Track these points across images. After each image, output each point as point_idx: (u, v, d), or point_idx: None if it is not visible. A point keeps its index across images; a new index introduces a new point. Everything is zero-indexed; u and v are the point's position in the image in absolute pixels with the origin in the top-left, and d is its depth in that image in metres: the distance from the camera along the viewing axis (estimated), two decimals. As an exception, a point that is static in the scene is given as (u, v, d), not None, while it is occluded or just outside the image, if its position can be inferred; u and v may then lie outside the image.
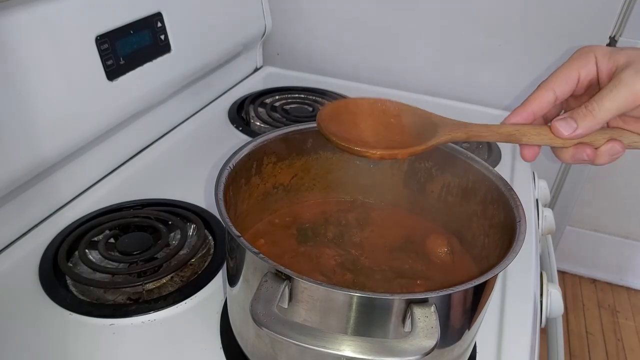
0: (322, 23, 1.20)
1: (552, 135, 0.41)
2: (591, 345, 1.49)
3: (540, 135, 0.42)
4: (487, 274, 0.38)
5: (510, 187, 0.47)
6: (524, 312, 0.58)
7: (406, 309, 0.36)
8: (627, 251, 1.64)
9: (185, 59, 0.85)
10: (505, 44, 1.09)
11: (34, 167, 0.61)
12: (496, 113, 1.05)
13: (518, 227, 0.42)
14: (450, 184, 0.54)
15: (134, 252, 0.59)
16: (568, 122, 0.40)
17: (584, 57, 0.41)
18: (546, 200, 0.91)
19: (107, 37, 0.69)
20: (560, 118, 0.40)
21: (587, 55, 0.41)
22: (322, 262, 0.50)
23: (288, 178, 0.57)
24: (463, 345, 0.43)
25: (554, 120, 0.41)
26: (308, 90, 1.07)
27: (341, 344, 0.32)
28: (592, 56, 0.41)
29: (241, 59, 1.11)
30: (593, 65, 0.41)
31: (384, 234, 0.55)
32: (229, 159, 0.48)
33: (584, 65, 0.41)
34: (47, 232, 0.64)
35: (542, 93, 0.42)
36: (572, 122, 0.39)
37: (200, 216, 0.66)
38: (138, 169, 0.79)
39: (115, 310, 0.53)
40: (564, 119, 0.40)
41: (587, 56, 0.41)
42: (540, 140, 0.42)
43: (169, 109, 0.88)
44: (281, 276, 0.36)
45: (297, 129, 0.54)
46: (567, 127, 0.40)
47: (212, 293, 0.57)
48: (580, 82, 0.42)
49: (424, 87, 1.15)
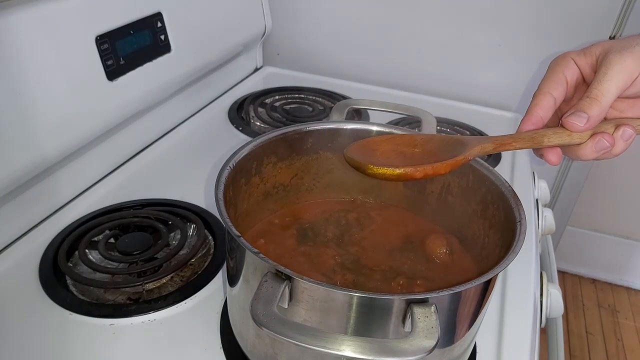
0: (322, 23, 1.20)
1: (568, 132, 0.41)
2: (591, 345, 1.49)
3: (558, 134, 0.42)
4: (487, 274, 0.38)
5: (510, 187, 0.47)
6: (524, 312, 0.58)
7: (406, 309, 0.36)
8: (627, 251, 1.64)
9: (185, 59, 0.85)
10: (505, 44, 1.09)
11: (34, 167, 0.61)
12: (496, 113, 1.05)
13: (518, 227, 0.42)
14: (450, 184, 0.54)
15: (134, 252, 0.59)
16: (578, 114, 0.40)
17: (562, 60, 0.43)
18: (546, 200, 0.91)
19: (107, 37, 0.69)
20: (569, 114, 0.41)
21: (565, 58, 0.43)
22: (322, 262, 0.50)
23: (288, 178, 0.57)
24: (463, 345, 0.43)
25: (564, 118, 0.41)
26: (308, 90, 1.07)
27: (341, 344, 0.32)
28: (568, 58, 0.43)
29: (241, 59, 1.11)
30: (573, 64, 0.43)
31: (384, 234, 0.55)
32: (229, 159, 0.48)
33: (565, 67, 0.43)
34: (47, 232, 0.64)
35: (541, 98, 0.43)
36: (581, 114, 0.40)
37: (200, 216, 0.66)
38: (138, 169, 0.79)
39: (115, 310, 0.53)
40: (572, 113, 0.40)
41: (565, 59, 0.43)
42: (560, 139, 0.42)
43: (169, 109, 0.88)
44: (281, 276, 0.36)
45: (297, 129, 0.54)
46: (579, 119, 0.40)
47: (212, 293, 0.57)
48: (569, 84, 0.43)
49: (424, 87, 1.15)
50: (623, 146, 0.41)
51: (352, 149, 0.47)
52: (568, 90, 0.43)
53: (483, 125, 0.96)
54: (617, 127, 0.41)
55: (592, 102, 0.40)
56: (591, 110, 0.40)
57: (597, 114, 0.40)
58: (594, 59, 0.42)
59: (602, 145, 0.41)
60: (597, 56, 0.42)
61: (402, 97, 1.08)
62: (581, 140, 0.42)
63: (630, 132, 0.41)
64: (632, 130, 0.41)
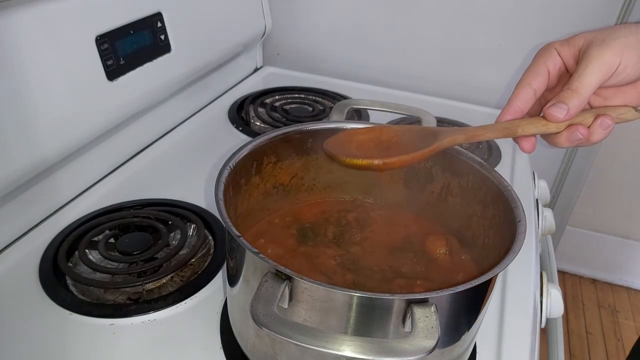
0: (322, 23, 1.20)
1: (544, 122, 0.43)
2: (591, 345, 1.49)
3: (533, 124, 0.44)
4: (487, 274, 0.38)
5: (510, 187, 0.47)
6: (524, 312, 0.58)
7: (406, 309, 0.36)
8: (627, 251, 1.64)
9: (185, 59, 0.85)
10: (505, 44, 1.09)
11: (34, 167, 0.61)
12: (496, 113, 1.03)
13: (518, 227, 0.43)
14: (450, 184, 0.54)
15: (134, 252, 0.59)
16: (559, 105, 0.42)
17: (546, 52, 0.45)
18: (546, 200, 0.91)
19: (107, 37, 0.69)
20: (550, 105, 0.42)
21: (548, 49, 0.45)
22: (322, 262, 0.50)
23: (288, 178, 0.57)
24: (463, 345, 0.43)
25: (545, 109, 0.43)
26: (308, 90, 1.07)
27: (341, 344, 0.32)
28: (552, 48, 0.45)
29: (241, 59, 1.11)
30: (556, 55, 0.44)
31: (384, 234, 0.55)
32: (229, 159, 0.48)
33: (548, 58, 0.45)
34: (47, 232, 0.64)
35: (521, 89, 0.45)
36: (562, 105, 0.42)
37: (200, 216, 0.66)
38: (138, 169, 0.79)
39: (115, 310, 0.53)
40: (554, 104, 0.42)
41: (548, 49, 0.45)
42: (535, 129, 0.44)
43: (169, 109, 0.88)
44: (281, 276, 0.36)
45: (297, 129, 0.54)
46: (560, 110, 0.42)
47: (212, 293, 0.57)
48: (550, 74, 0.45)
49: (424, 87, 1.15)
50: (602, 135, 0.43)
51: (332, 140, 0.49)
52: (550, 80, 0.45)
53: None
54: (597, 117, 0.43)
55: (573, 94, 0.41)
56: (571, 102, 0.41)
57: (577, 105, 0.41)
58: (577, 50, 0.43)
59: (575, 137, 0.43)
60: (580, 47, 0.43)
61: (402, 97, 1.08)
62: (557, 130, 0.43)
63: (609, 122, 0.42)
64: (611, 120, 0.42)
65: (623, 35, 0.41)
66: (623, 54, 0.41)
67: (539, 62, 0.45)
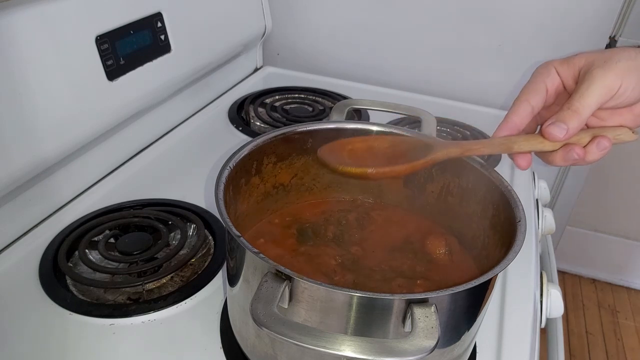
0: (322, 23, 1.20)
1: (540, 139, 0.43)
2: (591, 345, 1.50)
3: (529, 141, 0.44)
4: (487, 274, 0.38)
5: (510, 187, 0.47)
6: (524, 312, 0.58)
7: (406, 309, 0.36)
8: (627, 251, 1.64)
9: (185, 59, 0.85)
10: (505, 44, 1.09)
11: (34, 167, 0.61)
12: (496, 113, 1.05)
13: (518, 227, 0.43)
14: (450, 184, 0.54)
15: (134, 252, 0.59)
16: (558, 125, 0.42)
17: (544, 70, 0.45)
18: (546, 200, 0.90)
19: (107, 37, 0.69)
20: (550, 123, 0.42)
21: (547, 67, 0.45)
22: (322, 262, 0.50)
23: (288, 178, 0.57)
24: (463, 345, 0.43)
25: (544, 127, 0.43)
26: (308, 90, 1.07)
27: (341, 344, 0.32)
28: (551, 67, 0.45)
29: (241, 59, 1.11)
30: (555, 74, 0.45)
31: (384, 233, 0.55)
32: (229, 159, 0.48)
33: (547, 76, 0.45)
34: (47, 232, 0.64)
35: (519, 106, 0.44)
36: (562, 125, 0.41)
37: (200, 216, 0.66)
38: (138, 169, 0.79)
39: (115, 310, 0.53)
40: (553, 123, 0.42)
41: (547, 68, 0.45)
42: (530, 146, 0.44)
43: (169, 109, 0.88)
44: (281, 276, 0.36)
45: (297, 129, 0.54)
46: (559, 130, 0.42)
47: (212, 293, 0.57)
48: (549, 92, 0.45)
49: (424, 87, 1.15)
50: (598, 155, 0.43)
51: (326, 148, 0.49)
52: (548, 98, 0.45)
53: (483, 126, 0.96)
54: (594, 138, 0.43)
55: (573, 115, 0.41)
56: (571, 122, 0.41)
57: (576, 126, 0.41)
58: (576, 71, 0.43)
59: (571, 156, 0.43)
60: (580, 68, 0.43)
61: (402, 97, 1.08)
62: (553, 148, 0.43)
63: (606, 144, 0.43)
64: (608, 142, 0.43)
65: (624, 58, 0.41)
66: (624, 77, 0.41)
67: (537, 80, 0.45)
